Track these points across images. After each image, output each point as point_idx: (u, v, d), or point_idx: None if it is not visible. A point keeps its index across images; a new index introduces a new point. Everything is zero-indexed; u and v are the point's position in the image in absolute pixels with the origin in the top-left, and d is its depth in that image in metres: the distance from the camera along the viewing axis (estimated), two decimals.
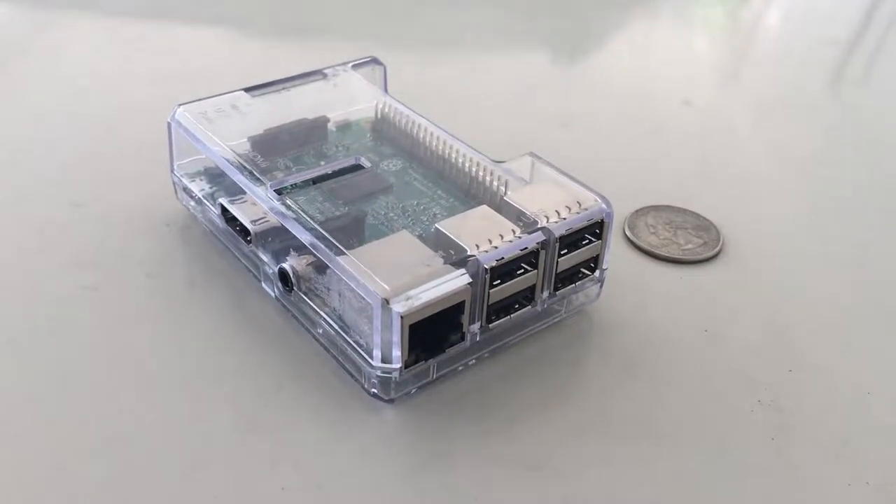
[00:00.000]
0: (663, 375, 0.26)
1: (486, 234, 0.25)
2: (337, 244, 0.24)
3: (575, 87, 0.42)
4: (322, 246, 0.25)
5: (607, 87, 0.42)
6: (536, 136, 0.37)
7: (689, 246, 0.31)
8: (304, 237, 0.25)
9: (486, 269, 0.24)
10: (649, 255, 0.30)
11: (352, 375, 0.25)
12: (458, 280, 0.23)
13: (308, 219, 0.26)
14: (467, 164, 0.29)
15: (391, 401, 0.24)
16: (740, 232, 0.32)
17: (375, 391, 0.24)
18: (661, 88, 0.42)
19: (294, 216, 0.26)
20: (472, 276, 0.24)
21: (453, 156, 0.30)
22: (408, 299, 0.23)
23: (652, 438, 0.24)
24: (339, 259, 0.24)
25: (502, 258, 0.24)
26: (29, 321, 0.27)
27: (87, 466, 0.23)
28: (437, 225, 0.25)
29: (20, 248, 0.29)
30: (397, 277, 0.23)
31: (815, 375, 0.26)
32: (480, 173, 0.29)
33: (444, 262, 0.24)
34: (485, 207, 0.26)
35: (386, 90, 0.33)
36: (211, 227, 0.30)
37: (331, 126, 0.32)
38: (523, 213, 0.26)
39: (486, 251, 0.24)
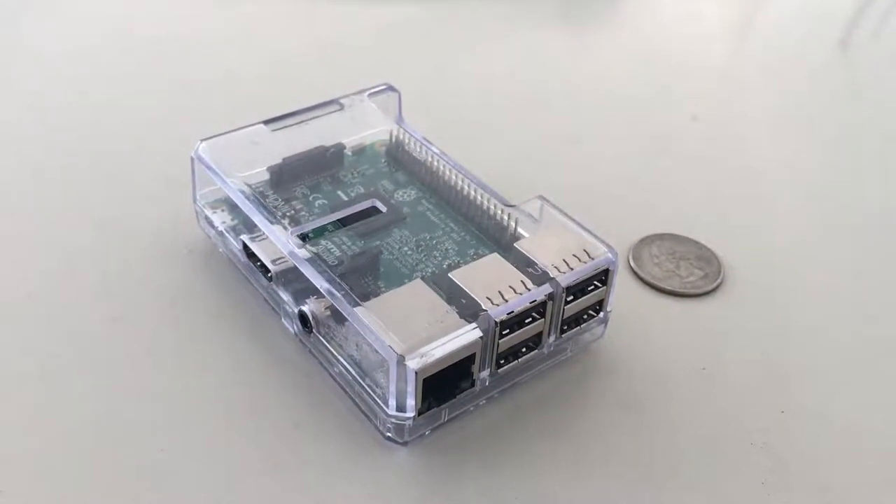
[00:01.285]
0: (661, 416, 0.27)
1: (497, 286, 0.26)
2: (353, 295, 0.26)
3: (588, 96, 0.43)
4: (339, 296, 0.26)
5: (620, 98, 0.43)
6: (547, 153, 0.38)
7: (691, 279, 0.32)
8: (321, 285, 0.26)
9: (496, 322, 0.25)
10: (652, 287, 0.32)
11: (367, 417, 0.26)
12: (469, 335, 0.25)
13: (325, 265, 0.27)
14: (479, 199, 0.30)
15: (405, 443, 0.26)
16: (742, 262, 0.33)
17: (390, 435, 0.26)
18: (669, 100, 0.43)
19: (311, 260, 0.27)
20: (483, 331, 0.25)
21: (465, 189, 0.31)
22: (422, 356, 0.24)
23: (647, 480, 0.26)
24: (356, 311, 0.25)
25: (512, 311, 0.25)
26: (59, 354, 0.28)
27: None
28: (450, 275, 0.26)
29: (48, 275, 0.31)
30: (412, 334, 0.24)
31: (806, 418, 0.28)
32: (491, 209, 0.30)
33: (456, 316, 0.25)
34: (495, 256, 0.27)
35: (400, 115, 0.34)
36: (232, 258, 0.31)
37: (347, 151, 0.33)
38: (532, 263, 0.27)
39: (497, 304, 0.25)
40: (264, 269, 0.29)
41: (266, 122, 0.32)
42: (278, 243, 0.28)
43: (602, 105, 0.42)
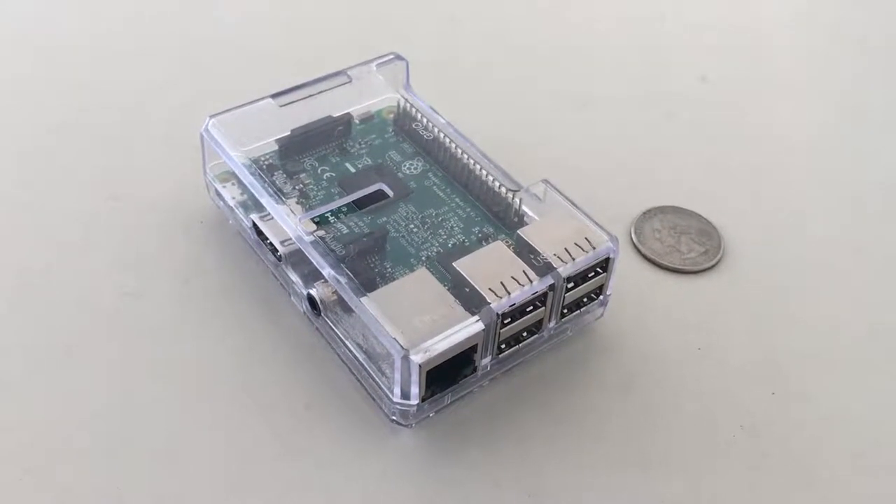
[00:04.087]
0: (655, 398, 0.28)
1: (500, 276, 0.27)
2: (359, 285, 0.27)
3: (597, 54, 0.42)
4: (344, 284, 0.27)
5: (629, 55, 0.42)
6: (554, 118, 0.38)
7: (691, 255, 0.33)
8: (327, 272, 0.27)
9: (498, 314, 0.26)
10: (652, 263, 0.32)
11: (373, 399, 0.27)
12: (472, 327, 0.26)
13: (331, 251, 0.28)
14: (484, 176, 0.31)
15: (410, 425, 0.27)
16: (743, 236, 0.33)
17: (395, 419, 0.27)
18: (677, 60, 0.42)
19: (318, 246, 0.28)
20: (485, 324, 0.26)
21: (471, 165, 0.31)
22: (426, 351, 0.25)
23: (639, 464, 0.27)
24: (362, 301, 0.26)
25: (514, 304, 0.26)
26: (79, 331, 0.29)
27: (123, 483, 0.26)
28: (454, 264, 0.27)
29: (64, 248, 0.32)
30: (416, 329, 0.25)
31: (796, 401, 0.29)
32: (496, 188, 0.30)
33: (460, 309, 0.26)
34: (499, 244, 0.28)
35: (408, 83, 0.34)
36: (242, 233, 0.31)
37: (355, 120, 0.34)
38: (535, 252, 0.28)
39: (500, 297, 0.26)
40: (273, 249, 0.30)
41: (274, 96, 0.32)
42: (285, 226, 0.29)
43: (611, 64, 0.42)
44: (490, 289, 0.26)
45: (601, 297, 0.29)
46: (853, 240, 0.34)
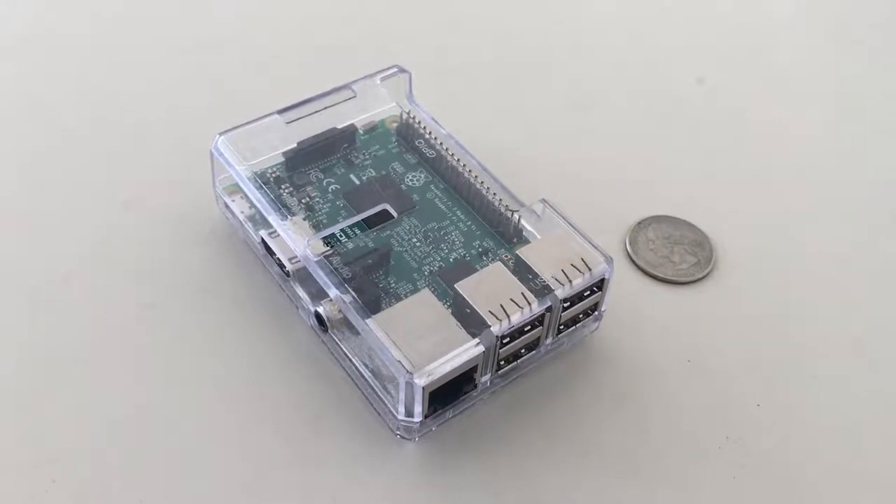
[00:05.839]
0: (646, 409, 0.30)
1: (500, 299, 0.28)
2: (364, 306, 0.28)
3: (598, 54, 0.43)
4: (350, 306, 0.28)
5: (629, 55, 0.43)
6: (554, 123, 0.39)
7: (683, 265, 0.34)
8: (333, 293, 0.28)
9: (498, 337, 0.27)
10: (646, 273, 0.34)
11: (379, 414, 0.29)
12: (473, 350, 0.27)
13: (337, 272, 0.29)
14: (485, 191, 0.32)
15: (413, 439, 0.28)
16: (735, 247, 0.35)
17: (400, 433, 0.28)
18: (675, 60, 0.43)
19: (324, 267, 0.29)
20: (485, 346, 0.27)
21: (472, 181, 0.32)
22: (429, 374, 0.26)
23: (630, 473, 0.28)
24: (368, 323, 0.27)
25: (513, 326, 0.28)
26: (95, 340, 0.30)
27: (144, 494, 0.27)
28: (456, 286, 0.28)
29: (78, 258, 0.33)
30: (419, 352, 0.26)
31: (780, 412, 0.30)
32: (495, 203, 0.32)
33: (461, 331, 0.27)
34: (498, 265, 0.29)
35: (411, 94, 0.35)
36: (251, 246, 0.33)
37: (359, 131, 0.35)
38: (533, 274, 0.29)
39: (500, 319, 0.27)
40: (281, 265, 0.31)
41: (280, 112, 0.33)
42: (292, 244, 0.30)
43: (611, 65, 0.42)
44: (490, 311, 0.27)
45: (596, 312, 0.30)
46: (845, 252, 0.35)
